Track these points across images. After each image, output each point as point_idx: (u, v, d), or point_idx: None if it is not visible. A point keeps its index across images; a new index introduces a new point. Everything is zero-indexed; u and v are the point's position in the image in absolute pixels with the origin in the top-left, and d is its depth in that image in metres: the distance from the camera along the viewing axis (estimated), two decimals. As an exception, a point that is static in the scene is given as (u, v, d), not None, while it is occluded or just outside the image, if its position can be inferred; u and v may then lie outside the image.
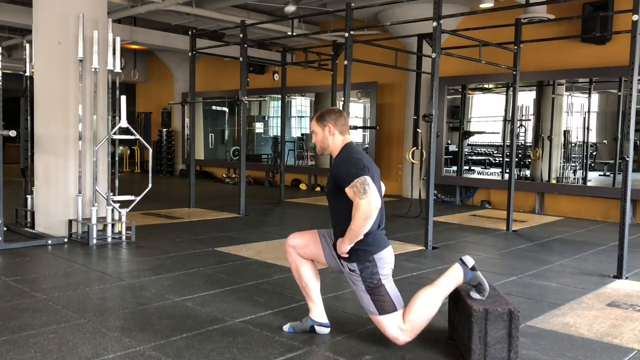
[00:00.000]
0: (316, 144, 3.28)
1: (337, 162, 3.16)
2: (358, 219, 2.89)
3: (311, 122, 3.30)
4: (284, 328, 3.35)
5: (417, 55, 9.05)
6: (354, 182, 2.92)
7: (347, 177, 2.96)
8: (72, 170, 6.11)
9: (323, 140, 3.22)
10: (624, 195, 4.94)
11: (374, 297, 3.04)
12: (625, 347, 3.25)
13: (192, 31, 9.06)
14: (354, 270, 3.06)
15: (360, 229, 2.92)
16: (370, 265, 3.04)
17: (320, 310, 3.31)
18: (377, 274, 3.04)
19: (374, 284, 3.04)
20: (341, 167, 3.07)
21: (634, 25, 4.86)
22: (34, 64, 6.31)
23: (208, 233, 6.70)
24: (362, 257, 3.04)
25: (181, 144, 15.64)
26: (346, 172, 2.99)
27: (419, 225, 7.27)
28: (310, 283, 3.27)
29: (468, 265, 3.06)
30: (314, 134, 3.26)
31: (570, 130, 9.78)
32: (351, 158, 3.08)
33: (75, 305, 3.75)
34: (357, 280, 3.07)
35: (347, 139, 3.22)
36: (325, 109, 3.31)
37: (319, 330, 3.29)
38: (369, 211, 2.88)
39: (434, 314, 3.08)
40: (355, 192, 2.91)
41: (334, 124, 3.18)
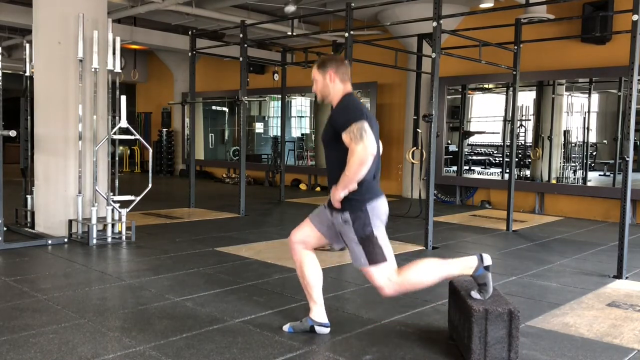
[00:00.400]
0: (316, 92, 3.23)
1: (336, 109, 3.12)
2: (353, 164, 2.85)
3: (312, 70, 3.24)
4: (284, 328, 3.35)
5: (417, 55, 9.06)
6: (350, 128, 2.89)
7: (345, 123, 2.93)
8: (72, 170, 6.11)
9: (323, 87, 3.18)
10: (624, 195, 4.94)
11: (365, 247, 3.00)
12: (625, 347, 3.25)
13: (192, 31, 9.06)
14: (347, 221, 3.02)
15: (354, 175, 2.88)
16: (362, 215, 3.00)
17: (321, 310, 3.30)
18: (369, 224, 3.00)
19: (366, 235, 3.00)
20: (340, 113, 3.04)
21: (634, 25, 4.86)
22: (34, 64, 6.31)
23: (208, 233, 6.70)
24: (355, 206, 3.00)
25: (181, 144, 15.65)
26: (344, 118, 2.96)
27: (419, 225, 7.27)
28: (312, 282, 3.26)
29: (484, 262, 3.02)
30: (314, 81, 3.21)
31: (570, 130, 9.78)
32: (350, 105, 3.06)
33: (75, 305, 3.75)
34: (349, 231, 3.03)
35: (348, 88, 3.19)
36: (327, 56, 3.24)
37: (318, 330, 3.28)
38: (364, 157, 2.84)
39: (427, 283, 3.05)
40: (351, 137, 2.87)
41: (335, 71, 3.14)
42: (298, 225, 3.34)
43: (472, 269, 3.02)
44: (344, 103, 3.12)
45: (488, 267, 3.03)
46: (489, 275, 3.01)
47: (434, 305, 3.95)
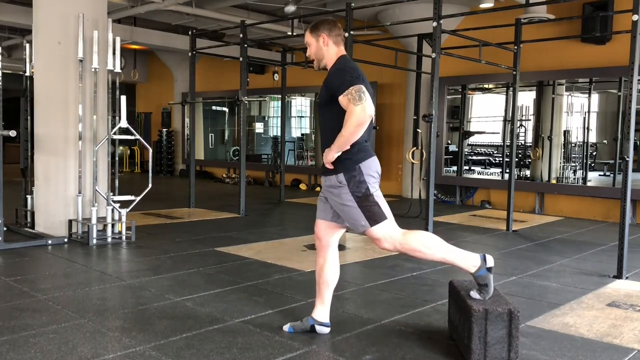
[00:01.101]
0: (310, 56, 3.21)
1: (331, 72, 3.08)
2: (350, 124, 2.84)
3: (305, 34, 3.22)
4: (284, 328, 3.35)
5: (417, 55, 9.05)
6: (348, 90, 2.87)
7: (342, 85, 2.91)
8: (72, 170, 6.11)
9: (317, 51, 3.17)
10: (624, 195, 4.94)
11: (363, 208, 2.99)
12: (625, 347, 3.24)
13: (192, 31, 9.06)
14: (341, 182, 3.00)
15: (351, 136, 2.87)
16: (356, 174, 2.99)
17: (326, 311, 3.30)
18: (364, 182, 3.00)
19: (362, 193, 2.99)
20: (336, 75, 3.01)
21: (634, 25, 4.86)
22: (34, 64, 6.31)
23: (208, 233, 6.70)
24: (348, 166, 2.99)
25: (181, 144, 15.65)
26: (341, 80, 2.94)
27: (419, 225, 7.26)
28: (329, 282, 3.24)
29: (487, 263, 3.02)
30: (308, 46, 3.18)
31: (570, 130, 9.78)
32: (346, 67, 3.04)
33: (75, 305, 3.75)
34: (345, 193, 3.00)
35: (342, 51, 3.17)
36: (320, 19, 3.23)
37: (319, 330, 3.28)
38: (363, 117, 2.83)
39: (425, 255, 3.05)
40: (349, 98, 2.86)
41: (327, 34, 3.13)
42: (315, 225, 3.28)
43: (475, 268, 3.02)
44: (339, 66, 3.10)
45: (490, 268, 3.03)
46: (490, 277, 3.01)
47: (434, 305, 3.95)
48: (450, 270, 5.08)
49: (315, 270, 3.31)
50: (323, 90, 3.09)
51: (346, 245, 6.05)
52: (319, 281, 3.28)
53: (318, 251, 3.28)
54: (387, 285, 4.47)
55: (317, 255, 3.30)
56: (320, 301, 3.29)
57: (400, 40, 9.97)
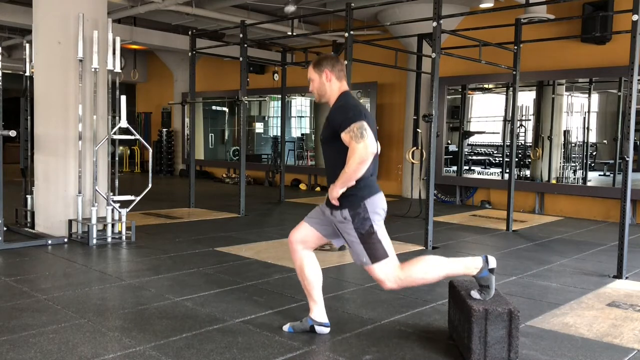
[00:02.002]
0: (313, 92, 3.24)
1: (334, 108, 3.12)
2: (353, 162, 2.87)
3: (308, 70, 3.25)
4: (284, 328, 3.35)
5: (417, 55, 9.05)
6: (350, 127, 2.90)
7: (344, 122, 2.93)
8: (72, 170, 6.10)
9: (320, 87, 3.19)
10: (624, 195, 4.94)
11: (366, 245, 3.01)
12: (625, 347, 3.25)
13: (192, 31, 9.06)
14: (346, 218, 3.02)
15: (354, 173, 2.90)
16: (361, 211, 3.01)
17: (321, 310, 3.30)
18: (368, 219, 3.01)
19: (365, 230, 3.01)
20: (338, 112, 3.04)
21: (634, 25, 4.86)
22: (34, 64, 6.31)
23: (208, 233, 6.70)
24: (353, 202, 3.01)
25: (181, 144, 15.64)
26: (343, 117, 2.97)
27: (419, 225, 7.27)
28: (312, 282, 3.26)
29: (489, 264, 3.03)
30: (310, 81, 3.21)
31: (570, 130, 9.78)
32: (348, 104, 3.06)
33: (75, 305, 3.75)
34: (349, 228, 3.04)
35: (344, 87, 3.20)
36: (322, 55, 3.26)
37: (318, 330, 3.28)
38: (365, 155, 2.86)
39: (430, 280, 3.05)
40: (351, 136, 2.88)
41: (330, 70, 3.15)
42: (296, 226, 3.34)
43: (477, 270, 3.03)
44: (341, 102, 3.12)
45: (493, 269, 3.03)
46: (492, 278, 3.01)
47: (434, 305, 3.95)
48: (450, 270, 5.08)
49: (297, 272, 3.32)
50: (326, 126, 3.13)
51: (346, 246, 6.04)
52: (304, 283, 3.29)
53: (294, 253, 3.29)
54: (387, 285, 4.47)
55: (293, 258, 3.31)
56: (312, 301, 3.30)
57: (400, 40, 9.96)
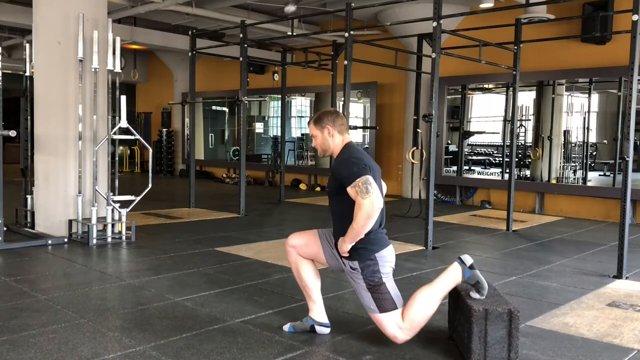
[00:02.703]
0: (317, 147, 3.27)
1: (338, 162, 3.16)
2: (360, 218, 2.90)
3: (309, 126, 3.30)
4: (284, 328, 3.35)
5: (417, 55, 9.05)
6: (355, 182, 2.93)
7: (349, 177, 2.97)
8: (72, 170, 6.10)
9: (323, 142, 3.23)
10: (624, 195, 4.94)
11: (374, 295, 3.05)
12: (625, 347, 3.25)
13: (192, 31, 9.06)
14: (356, 269, 3.07)
15: (362, 228, 2.93)
16: (371, 263, 3.05)
17: (321, 310, 3.31)
18: (378, 272, 3.05)
19: (375, 282, 3.05)
20: (342, 167, 3.07)
21: (634, 25, 4.86)
22: (34, 64, 6.31)
23: (208, 233, 6.70)
24: (363, 255, 3.05)
25: (181, 144, 15.64)
26: (348, 171, 3.00)
27: (419, 225, 7.27)
28: (310, 283, 3.27)
29: (466, 263, 3.08)
30: (313, 137, 3.26)
31: (570, 130, 9.78)
32: (352, 157, 3.08)
33: (75, 305, 3.75)
34: (358, 278, 3.08)
35: (347, 139, 3.23)
36: (321, 111, 3.31)
37: (319, 330, 3.29)
38: (371, 211, 2.89)
39: (432, 313, 3.09)
40: (357, 191, 2.91)
41: (332, 125, 3.18)
42: (301, 232, 3.36)
43: (460, 275, 3.08)
44: (345, 155, 3.14)
45: (472, 265, 3.07)
46: (477, 273, 3.05)
47: (434, 305, 3.94)
48: (450, 270, 5.08)
49: (294, 274, 3.34)
50: (331, 180, 3.16)
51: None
52: (301, 284, 3.32)
53: (289, 255, 3.31)
54: (387, 285, 4.47)
55: (289, 260, 3.33)
56: (311, 302, 3.31)
57: (400, 40, 9.96)
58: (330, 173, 3.21)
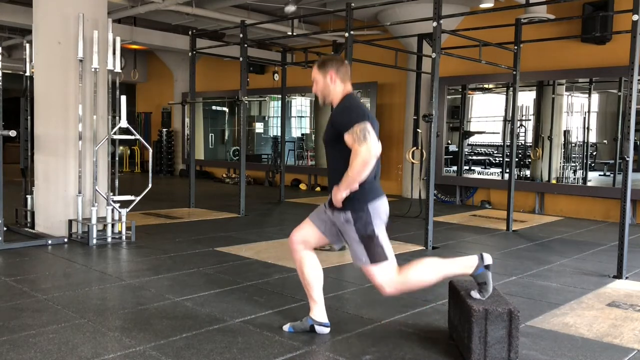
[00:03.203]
0: (317, 93, 3.21)
1: (337, 110, 3.12)
2: (356, 164, 2.87)
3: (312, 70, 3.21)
4: (284, 328, 3.35)
5: (417, 55, 9.05)
6: (353, 129, 2.90)
7: (347, 124, 2.93)
8: (72, 170, 6.10)
9: (324, 88, 3.17)
10: (624, 195, 4.94)
11: (366, 246, 3.01)
12: (625, 347, 3.25)
13: (192, 31, 9.06)
14: (348, 220, 3.02)
15: (357, 175, 2.89)
16: (364, 214, 3.01)
17: (321, 310, 3.30)
18: (370, 224, 3.01)
19: (367, 234, 3.00)
20: (341, 114, 3.04)
21: (634, 25, 4.86)
22: (34, 64, 6.31)
23: (208, 233, 6.70)
24: (356, 205, 3.01)
25: (181, 144, 15.65)
26: (346, 118, 2.97)
27: (419, 225, 7.27)
28: (313, 282, 3.26)
29: (485, 261, 3.04)
30: (314, 82, 3.19)
31: (570, 130, 9.78)
32: (352, 106, 3.06)
33: (75, 305, 3.75)
34: (350, 230, 3.03)
35: (348, 88, 3.18)
36: (327, 56, 3.23)
37: (318, 330, 3.28)
38: (367, 158, 2.86)
39: (428, 283, 3.07)
40: (354, 138, 2.88)
41: (335, 72, 3.13)
42: (298, 225, 3.34)
43: (473, 268, 3.03)
44: (345, 103, 3.11)
45: (488, 266, 3.04)
46: (489, 275, 3.01)
47: (434, 305, 3.95)
48: (450, 270, 5.08)
49: (297, 272, 3.32)
50: (329, 128, 3.12)
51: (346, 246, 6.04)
52: (304, 283, 3.29)
53: (294, 253, 3.29)
54: (387, 285, 4.47)
55: (294, 258, 3.31)
56: (312, 301, 3.30)
57: (400, 40, 9.96)
58: (329, 121, 3.15)
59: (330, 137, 3.10)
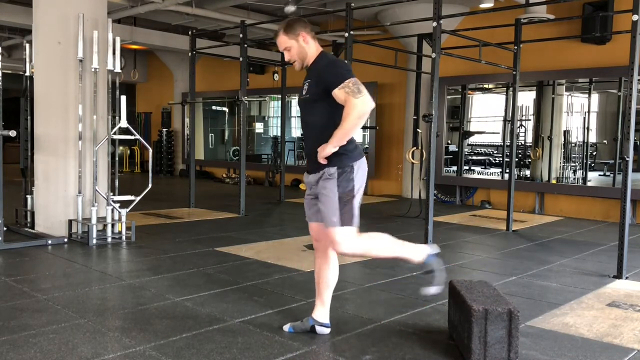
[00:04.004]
0: (293, 60, 3.12)
1: (322, 66, 3.05)
2: (352, 117, 2.81)
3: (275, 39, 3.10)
4: (284, 328, 3.34)
5: (417, 55, 9.05)
6: (345, 83, 2.86)
7: (337, 80, 2.89)
8: (72, 170, 6.10)
9: (300, 51, 3.08)
10: (624, 195, 4.94)
11: (341, 206, 2.96)
12: (625, 347, 3.25)
13: (192, 31, 9.06)
14: (332, 175, 2.98)
15: (352, 128, 2.85)
16: (348, 170, 2.98)
17: (325, 311, 3.30)
18: (352, 181, 2.98)
19: (346, 191, 2.97)
20: (328, 69, 2.99)
21: (634, 25, 4.86)
22: (34, 64, 6.31)
23: (208, 233, 6.70)
24: (343, 161, 2.98)
25: (181, 144, 15.65)
26: (335, 73, 2.92)
27: (419, 225, 7.27)
28: (328, 282, 3.25)
29: (432, 250, 3.14)
30: (286, 51, 3.09)
31: (570, 130, 9.78)
32: (336, 61, 3.03)
33: (75, 305, 3.75)
34: (332, 185, 2.97)
35: (319, 46, 3.16)
36: (287, 19, 3.15)
37: (319, 331, 3.28)
38: (363, 109, 2.82)
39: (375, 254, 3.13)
40: (347, 92, 2.84)
41: (306, 31, 3.08)
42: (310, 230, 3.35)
43: (423, 257, 3.12)
44: (328, 59, 3.08)
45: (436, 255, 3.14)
46: (435, 262, 3.11)
47: (434, 305, 3.95)
48: (450, 270, 5.08)
49: (315, 270, 3.32)
50: (313, 86, 3.04)
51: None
52: (319, 282, 3.28)
53: (316, 252, 3.29)
54: (387, 285, 4.47)
55: (315, 256, 3.30)
56: (320, 302, 3.29)
57: (400, 40, 9.97)
58: (310, 80, 3.07)
59: (315, 95, 3.01)
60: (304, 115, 3.16)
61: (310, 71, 3.13)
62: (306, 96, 3.08)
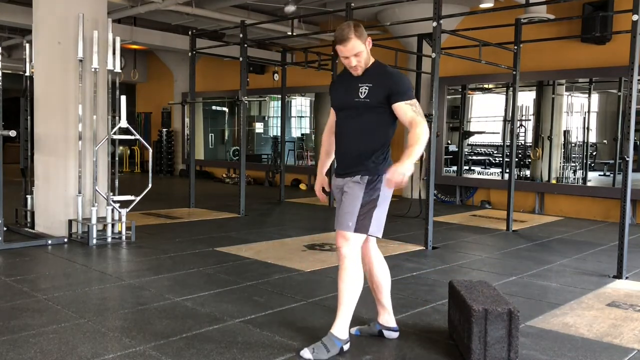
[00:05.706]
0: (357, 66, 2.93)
1: (385, 73, 2.95)
2: (424, 139, 2.74)
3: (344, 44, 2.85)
4: (351, 331, 3.24)
5: (417, 55, 9.05)
6: (413, 101, 2.83)
7: (407, 92, 2.85)
8: (72, 170, 6.10)
9: (367, 57, 2.94)
10: (624, 195, 4.94)
11: (362, 209, 2.90)
12: (625, 347, 3.25)
13: (192, 31, 9.06)
14: (362, 181, 2.94)
15: (422, 149, 2.76)
16: (376, 180, 2.94)
17: (389, 315, 3.24)
18: (378, 191, 2.94)
19: (371, 199, 2.92)
20: (396, 79, 2.90)
21: (634, 25, 4.86)
22: (34, 64, 6.31)
23: (208, 233, 6.70)
24: (373, 170, 2.94)
25: (181, 144, 15.65)
26: (406, 86, 2.88)
27: (419, 225, 7.27)
28: (380, 284, 3.17)
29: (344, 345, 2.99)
30: (357, 55, 2.89)
31: (570, 130, 9.78)
32: (400, 74, 2.95)
33: (75, 305, 3.75)
34: (358, 189, 2.94)
35: None
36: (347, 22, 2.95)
37: (387, 335, 3.23)
38: (427, 131, 2.78)
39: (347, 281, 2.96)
40: (415, 111, 2.82)
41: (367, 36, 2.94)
42: None
43: (340, 334, 2.98)
44: (390, 68, 2.99)
45: (342, 349, 2.98)
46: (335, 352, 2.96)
47: (434, 305, 3.95)
48: (450, 270, 5.09)
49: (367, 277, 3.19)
50: (374, 92, 2.91)
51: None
52: (372, 287, 3.23)
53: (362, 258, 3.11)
54: (387, 285, 4.47)
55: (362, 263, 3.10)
56: (380, 306, 3.24)
57: (400, 40, 9.96)
58: (371, 85, 2.92)
59: (374, 100, 2.90)
60: (349, 117, 3.01)
61: (366, 76, 2.97)
62: (365, 100, 2.94)
